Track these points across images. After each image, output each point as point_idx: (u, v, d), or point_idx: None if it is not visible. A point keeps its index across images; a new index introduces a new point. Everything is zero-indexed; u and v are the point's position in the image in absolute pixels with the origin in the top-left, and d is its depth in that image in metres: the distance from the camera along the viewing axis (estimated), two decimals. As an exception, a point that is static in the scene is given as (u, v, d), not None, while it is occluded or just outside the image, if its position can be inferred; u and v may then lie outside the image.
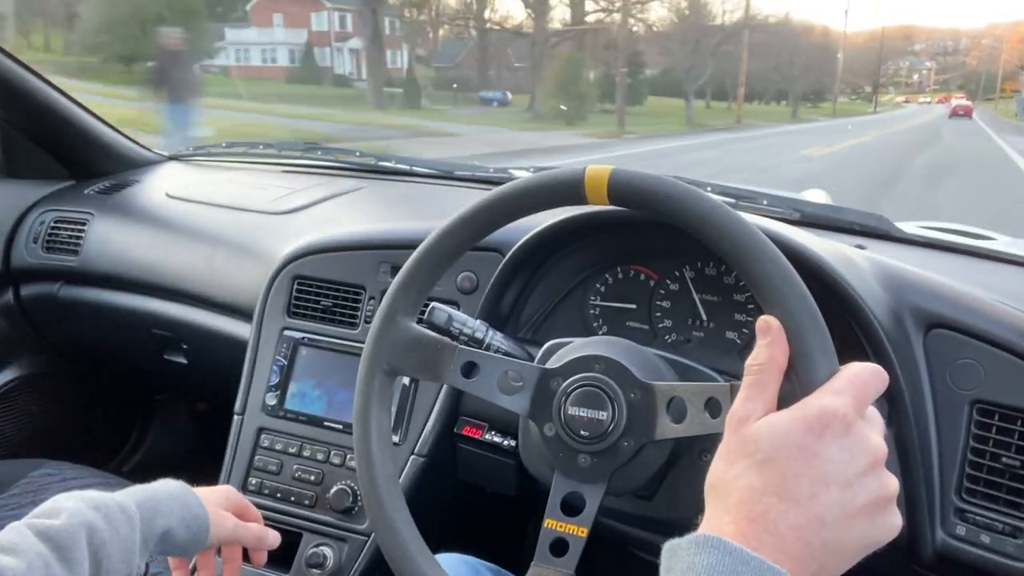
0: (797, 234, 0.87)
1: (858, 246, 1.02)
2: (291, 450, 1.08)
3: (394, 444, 1.01)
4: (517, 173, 1.48)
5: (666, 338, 0.97)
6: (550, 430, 0.68)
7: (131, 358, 1.69)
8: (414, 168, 1.63)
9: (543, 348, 0.79)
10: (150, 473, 0.79)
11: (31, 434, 1.65)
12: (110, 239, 1.51)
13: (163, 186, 1.61)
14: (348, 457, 1.05)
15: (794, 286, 0.54)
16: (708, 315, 0.96)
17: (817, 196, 1.45)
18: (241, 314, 1.30)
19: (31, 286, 1.60)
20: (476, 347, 0.79)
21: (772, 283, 0.54)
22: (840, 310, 0.81)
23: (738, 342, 0.94)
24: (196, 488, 0.79)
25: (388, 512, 0.68)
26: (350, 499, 1.03)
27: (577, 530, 0.67)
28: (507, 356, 0.76)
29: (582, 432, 0.67)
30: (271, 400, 1.11)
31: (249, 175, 1.72)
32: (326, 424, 1.08)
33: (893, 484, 0.49)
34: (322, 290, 1.13)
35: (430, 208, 1.45)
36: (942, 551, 0.81)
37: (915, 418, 0.82)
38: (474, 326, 0.81)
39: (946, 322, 0.84)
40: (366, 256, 1.11)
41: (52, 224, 1.56)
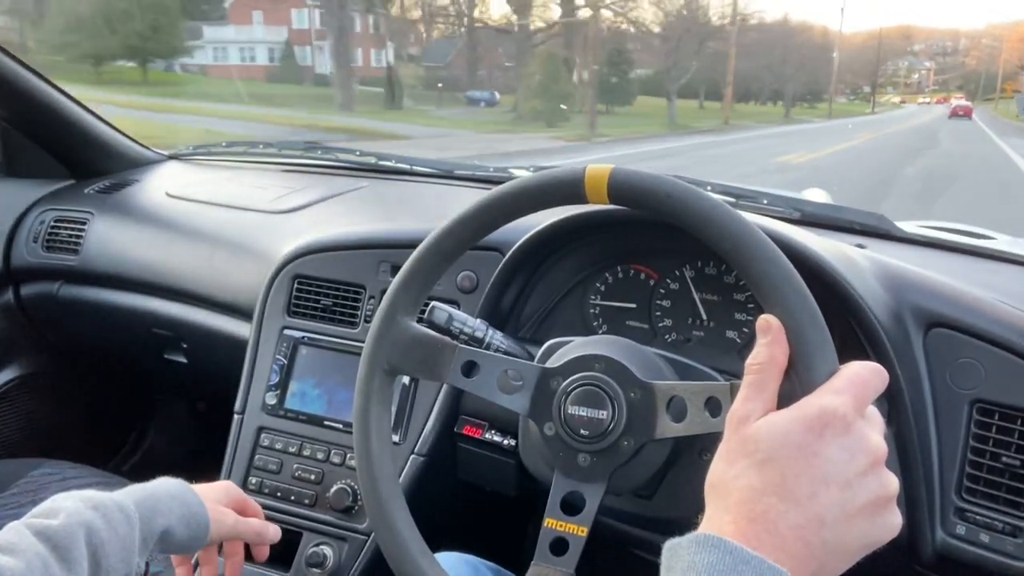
0: (797, 233, 0.87)
1: (858, 245, 1.02)
2: (291, 449, 1.08)
3: (394, 443, 1.01)
4: (517, 172, 1.48)
5: (666, 337, 0.97)
6: (550, 429, 0.68)
7: (131, 358, 1.69)
8: (414, 168, 1.63)
9: (543, 347, 0.79)
10: (150, 472, 0.79)
11: (31, 434, 1.65)
12: (110, 238, 1.51)
13: (163, 185, 1.61)
14: (348, 456, 1.05)
15: (794, 285, 0.54)
16: (708, 314, 0.96)
17: (817, 195, 1.45)
18: (241, 313, 1.30)
19: (31, 286, 1.59)
20: (476, 346, 0.79)
21: (772, 282, 0.54)
22: (840, 309, 0.81)
23: (738, 341, 0.94)
24: (195, 485, 0.79)
25: (388, 511, 0.68)
26: (350, 498, 1.03)
27: (577, 529, 0.66)
28: (507, 355, 0.76)
29: (582, 431, 0.67)
30: (271, 399, 1.11)
31: (249, 174, 1.72)
32: (326, 423, 1.08)
33: (893, 483, 0.49)
34: (322, 289, 1.13)
35: (430, 208, 1.45)
36: (942, 550, 0.81)
37: (915, 417, 0.82)
38: (474, 325, 0.81)
39: (946, 321, 0.84)
40: (366, 255, 1.11)
41: (52, 223, 1.56)
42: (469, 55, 35.00)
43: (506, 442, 0.96)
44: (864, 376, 0.50)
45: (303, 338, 1.12)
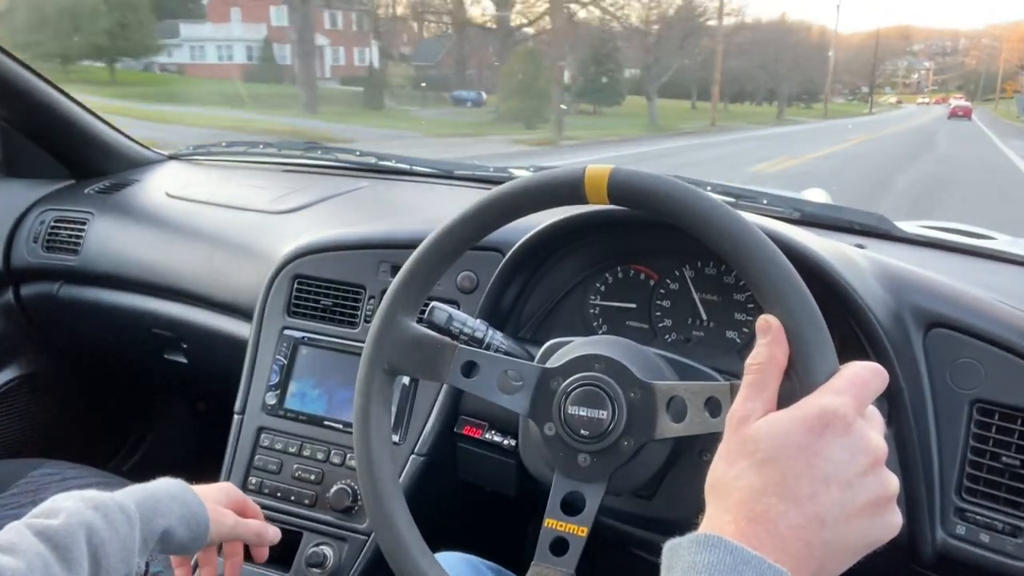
0: (797, 233, 0.87)
1: (858, 245, 1.02)
2: (291, 449, 1.08)
3: (394, 444, 1.01)
4: (517, 172, 1.48)
5: (666, 337, 0.97)
6: (550, 429, 0.68)
7: (131, 358, 1.69)
8: (414, 168, 1.63)
9: (543, 347, 0.79)
10: (150, 473, 0.79)
11: (31, 434, 1.65)
12: (110, 238, 1.51)
13: (163, 185, 1.61)
14: (348, 456, 1.05)
15: (794, 285, 0.54)
16: (708, 314, 0.96)
17: (817, 195, 1.45)
18: (241, 313, 1.30)
19: (31, 286, 1.59)
20: (476, 346, 0.79)
21: (772, 282, 0.54)
22: (840, 309, 0.81)
23: (738, 341, 0.94)
24: (195, 486, 0.79)
25: (388, 511, 0.68)
26: (350, 498, 1.03)
27: (577, 529, 0.67)
28: (507, 355, 0.76)
29: (582, 431, 0.67)
30: (271, 399, 1.11)
31: (249, 174, 1.72)
32: (326, 423, 1.08)
33: (893, 483, 0.49)
34: (322, 289, 1.13)
35: (430, 208, 1.45)
36: (942, 550, 0.81)
37: (915, 417, 0.82)
38: (474, 325, 0.81)
39: (946, 321, 0.84)
40: (366, 256, 1.11)
41: (52, 223, 1.56)
42: (458, 54, 34.29)
43: (506, 442, 0.96)
44: (864, 376, 0.50)
45: (303, 338, 1.12)
